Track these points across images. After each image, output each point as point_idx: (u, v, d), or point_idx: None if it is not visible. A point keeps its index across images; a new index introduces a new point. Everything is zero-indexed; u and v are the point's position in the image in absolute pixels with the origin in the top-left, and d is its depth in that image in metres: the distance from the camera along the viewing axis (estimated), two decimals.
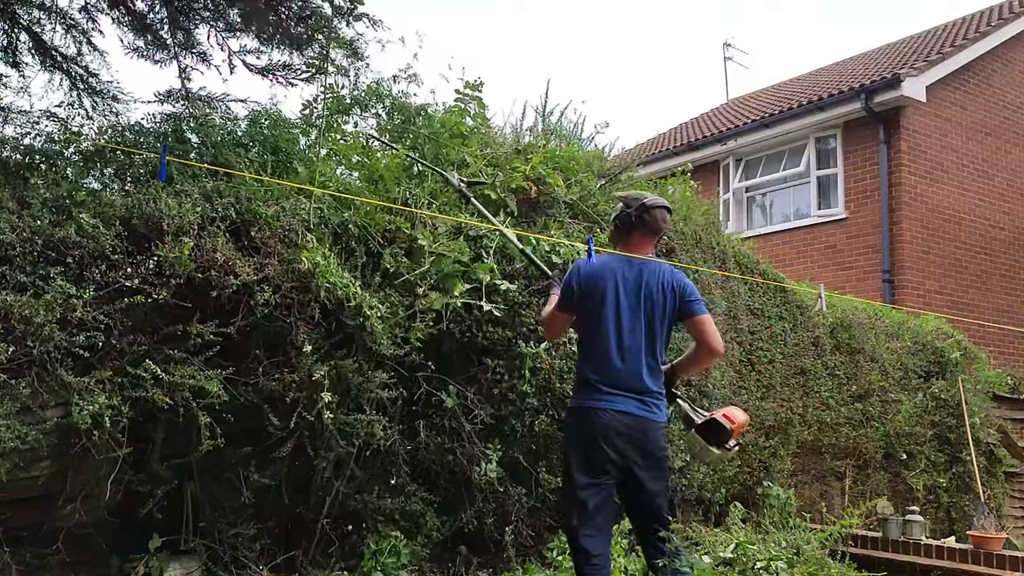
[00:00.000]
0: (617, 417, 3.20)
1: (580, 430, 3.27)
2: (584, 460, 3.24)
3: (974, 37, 11.60)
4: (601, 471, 3.22)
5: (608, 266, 3.35)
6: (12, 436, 2.97)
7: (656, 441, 3.27)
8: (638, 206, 3.42)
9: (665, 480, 3.34)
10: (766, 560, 4.68)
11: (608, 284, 3.29)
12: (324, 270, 3.54)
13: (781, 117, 11.68)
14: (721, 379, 5.45)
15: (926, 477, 7.01)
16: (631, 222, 3.42)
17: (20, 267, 3.13)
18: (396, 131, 4.88)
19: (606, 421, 3.19)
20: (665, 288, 3.31)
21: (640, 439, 3.22)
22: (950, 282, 10.86)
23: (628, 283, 3.29)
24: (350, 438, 3.77)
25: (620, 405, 3.22)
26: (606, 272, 3.32)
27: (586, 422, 3.24)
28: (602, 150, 6.40)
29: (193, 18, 4.54)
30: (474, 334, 4.21)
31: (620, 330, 3.26)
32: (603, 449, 3.19)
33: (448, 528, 4.28)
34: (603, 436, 3.19)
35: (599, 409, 3.22)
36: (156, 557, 3.58)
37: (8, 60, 4.30)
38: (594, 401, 3.24)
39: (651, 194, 3.56)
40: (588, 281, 3.32)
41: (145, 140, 3.93)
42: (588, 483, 3.22)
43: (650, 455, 3.24)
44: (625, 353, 3.25)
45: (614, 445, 3.19)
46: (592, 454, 3.21)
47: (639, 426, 3.22)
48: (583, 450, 3.24)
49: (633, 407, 3.23)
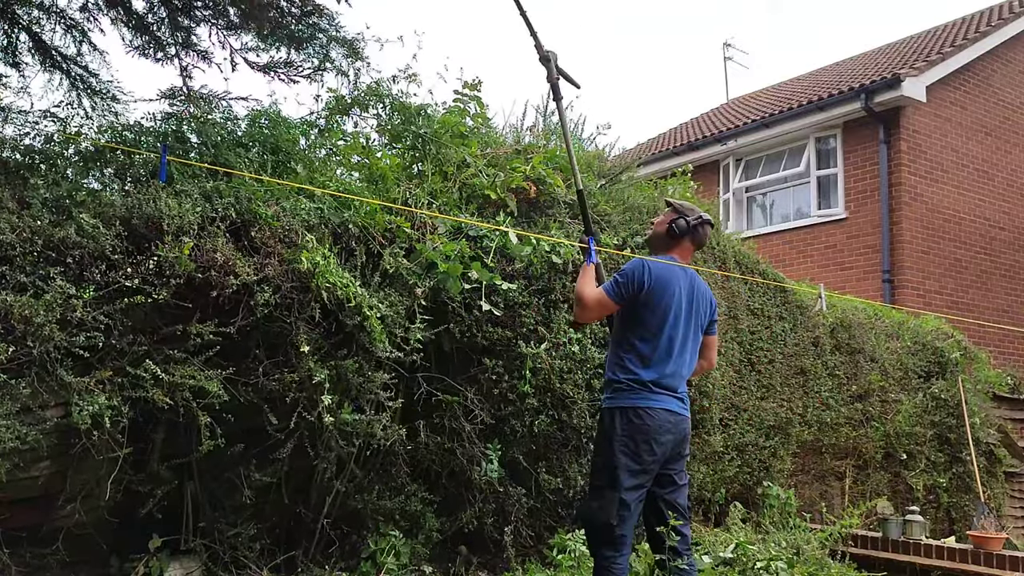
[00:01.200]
0: (667, 416, 3.30)
1: (632, 429, 3.27)
2: (634, 460, 3.24)
3: (974, 37, 11.60)
4: (647, 471, 3.28)
5: (674, 272, 3.38)
6: (12, 436, 2.96)
7: (689, 439, 3.46)
8: (695, 218, 3.48)
9: (686, 475, 3.49)
10: (766, 560, 4.68)
11: (675, 289, 3.35)
12: (324, 270, 3.54)
13: (781, 117, 11.68)
14: (721, 379, 5.46)
15: (926, 477, 7.01)
16: (686, 231, 3.46)
17: (20, 267, 3.13)
18: (396, 131, 4.87)
19: (659, 420, 3.27)
20: (705, 300, 3.49)
21: (681, 438, 3.36)
22: (950, 282, 10.86)
23: (686, 291, 3.40)
24: (350, 438, 3.77)
25: (668, 404, 3.32)
26: (673, 278, 3.37)
27: (639, 421, 3.26)
28: (602, 150, 6.40)
29: (193, 16, 4.53)
30: (474, 334, 4.21)
31: (677, 336, 3.35)
32: (653, 449, 3.26)
33: (448, 528, 4.28)
34: (656, 435, 3.26)
35: (650, 408, 3.28)
36: (156, 557, 3.58)
37: (8, 60, 4.30)
38: (644, 401, 3.29)
39: (700, 208, 3.63)
40: (659, 283, 3.32)
41: (145, 140, 3.93)
42: (634, 484, 3.25)
43: (681, 452, 3.40)
44: (677, 358, 3.36)
45: (663, 443, 3.28)
46: (642, 454, 3.25)
47: (682, 424, 3.36)
48: (633, 450, 3.25)
49: (676, 406, 3.35)
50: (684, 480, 3.43)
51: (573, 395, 4.40)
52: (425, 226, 4.27)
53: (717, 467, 5.47)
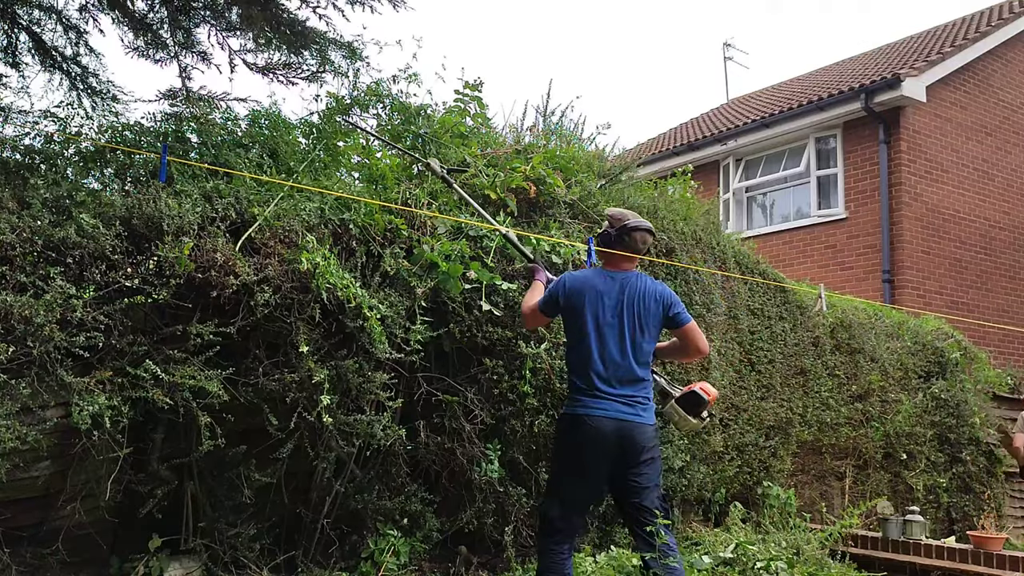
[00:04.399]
0: (605, 422, 3.36)
1: (570, 437, 3.45)
2: (573, 468, 3.44)
3: (974, 37, 11.60)
4: (588, 477, 3.42)
5: (589, 282, 3.52)
6: (12, 436, 2.96)
7: (643, 443, 3.42)
8: (619, 227, 3.57)
9: (654, 477, 3.48)
10: (766, 560, 4.68)
11: (587, 299, 3.46)
12: (324, 271, 3.54)
13: (781, 117, 11.68)
14: (721, 379, 5.45)
15: (926, 477, 7.01)
16: (611, 242, 3.59)
17: (20, 267, 3.13)
18: (396, 131, 4.88)
19: (595, 427, 3.36)
20: (647, 299, 3.50)
21: (627, 443, 3.38)
22: (950, 282, 10.86)
23: (609, 297, 3.47)
24: (350, 438, 3.77)
25: (609, 410, 3.38)
26: (587, 288, 3.49)
27: (575, 430, 3.41)
28: (602, 150, 6.40)
29: (193, 17, 4.53)
30: (474, 334, 4.21)
31: (603, 341, 3.43)
32: (591, 457, 3.38)
33: (448, 528, 4.28)
34: (592, 443, 3.36)
35: (587, 416, 3.38)
36: (156, 557, 3.58)
37: (8, 60, 4.30)
38: (583, 408, 3.41)
39: (635, 216, 3.67)
40: (572, 295, 3.50)
41: (145, 140, 3.93)
42: (575, 490, 3.45)
43: (636, 456, 3.40)
44: (608, 363, 3.42)
45: (602, 451, 3.37)
46: (582, 462, 3.40)
47: (626, 429, 3.38)
48: (572, 457, 3.45)
49: (619, 411, 3.39)
50: (649, 483, 3.44)
51: None
52: (425, 226, 4.27)
53: (717, 467, 5.47)
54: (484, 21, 62.20)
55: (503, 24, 62.54)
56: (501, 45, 60.33)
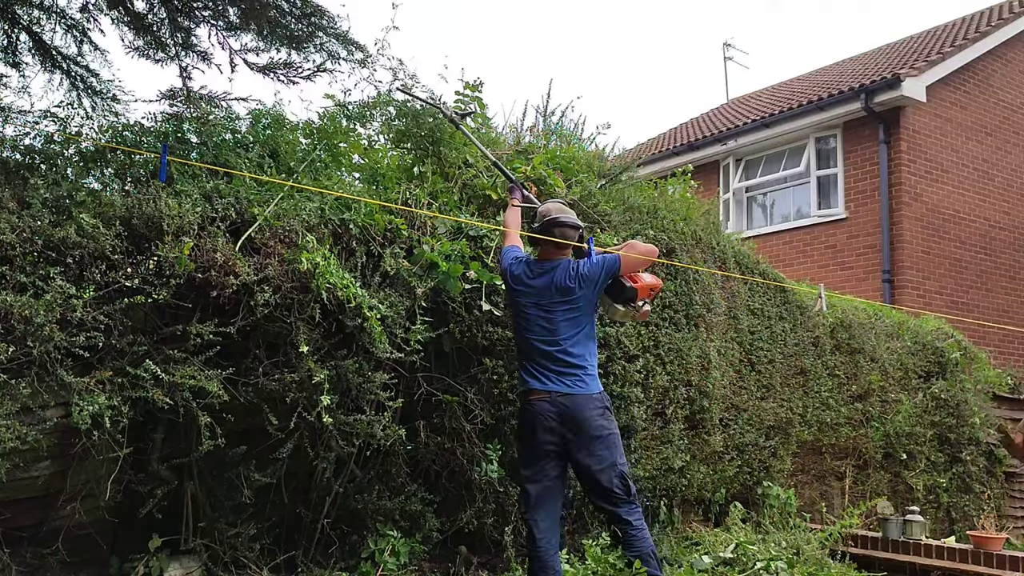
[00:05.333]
0: (547, 399, 3.54)
1: (521, 421, 3.67)
2: (527, 449, 3.60)
3: (974, 37, 11.60)
4: (541, 457, 3.53)
5: (523, 273, 3.74)
6: (12, 436, 2.96)
7: (589, 414, 3.54)
8: (544, 221, 3.77)
9: (607, 455, 3.53)
10: (766, 560, 4.69)
11: (523, 287, 3.71)
12: (324, 271, 3.54)
13: (781, 117, 11.68)
14: (721, 379, 5.45)
15: (926, 477, 7.02)
16: (537, 232, 3.80)
17: (20, 267, 3.12)
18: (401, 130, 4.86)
19: (539, 407, 3.54)
20: (572, 279, 3.66)
21: (572, 415, 3.52)
22: (950, 282, 10.86)
23: (539, 283, 3.68)
24: (350, 438, 3.77)
25: (549, 386, 3.56)
26: (522, 277, 3.73)
27: (525, 412, 3.61)
28: (602, 150, 6.40)
29: (193, 17, 4.53)
30: (474, 334, 4.21)
31: (540, 323, 3.65)
32: (541, 434, 3.53)
33: (448, 528, 4.28)
34: (539, 420, 3.53)
35: (533, 396, 3.57)
36: (156, 557, 3.58)
37: (8, 60, 4.29)
38: (529, 389, 3.61)
39: (563, 212, 3.83)
40: (514, 282, 3.75)
41: (145, 140, 3.92)
42: (531, 473, 3.56)
43: (582, 430, 3.51)
44: (546, 343, 3.61)
45: (549, 427, 3.51)
46: (532, 441, 3.56)
47: (568, 402, 3.53)
48: (525, 439, 3.61)
49: (560, 385, 3.56)
50: (602, 464, 3.51)
51: None
52: (425, 226, 4.28)
53: (717, 467, 5.48)
54: (484, 21, 62.21)
55: (503, 24, 62.56)
56: (501, 45, 60.35)
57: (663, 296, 5.13)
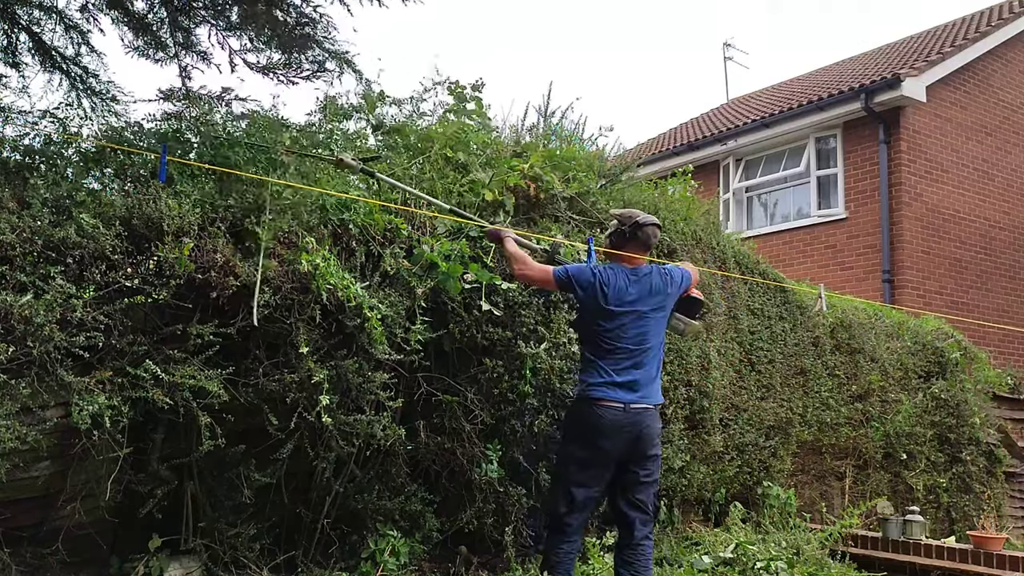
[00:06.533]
0: (621, 409, 3.52)
1: (582, 423, 3.60)
2: (584, 453, 3.58)
3: (974, 37, 11.60)
4: (599, 465, 3.58)
5: (616, 277, 3.69)
6: (12, 436, 2.96)
7: (656, 428, 3.64)
8: (632, 223, 3.76)
9: (655, 471, 3.67)
10: (766, 560, 4.69)
11: (620, 293, 3.64)
12: (324, 272, 3.53)
13: (781, 117, 11.68)
14: (721, 379, 5.45)
15: (926, 477, 7.01)
16: (625, 238, 3.78)
17: (20, 267, 3.12)
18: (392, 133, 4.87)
19: (611, 416, 3.51)
20: (665, 283, 3.73)
21: (643, 429, 3.55)
22: (950, 282, 10.86)
23: (637, 290, 3.66)
24: (350, 438, 3.77)
25: (624, 397, 3.54)
26: (615, 282, 3.66)
27: (590, 416, 3.55)
28: (602, 150, 6.40)
29: (193, 17, 4.53)
30: (474, 334, 4.21)
31: (634, 329, 3.61)
32: (605, 443, 3.52)
33: (448, 528, 4.28)
34: (608, 430, 3.51)
35: (604, 403, 3.53)
36: (156, 557, 3.58)
37: (8, 60, 4.30)
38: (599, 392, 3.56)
39: (642, 212, 3.87)
40: (600, 285, 3.65)
41: (145, 140, 3.92)
42: (583, 478, 3.57)
43: (647, 444, 3.57)
44: (632, 352, 3.59)
45: (618, 438, 3.52)
46: (591, 447, 3.56)
47: (642, 416, 3.55)
48: (584, 443, 3.58)
49: (636, 397, 3.56)
50: (650, 478, 3.63)
51: (573, 395, 4.40)
52: (425, 226, 4.27)
53: (717, 467, 5.48)
54: (485, 21, 62.21)
55: (504, 24, 62.55)
56: (501, 45, 60.35)
57: None
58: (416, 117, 5.01)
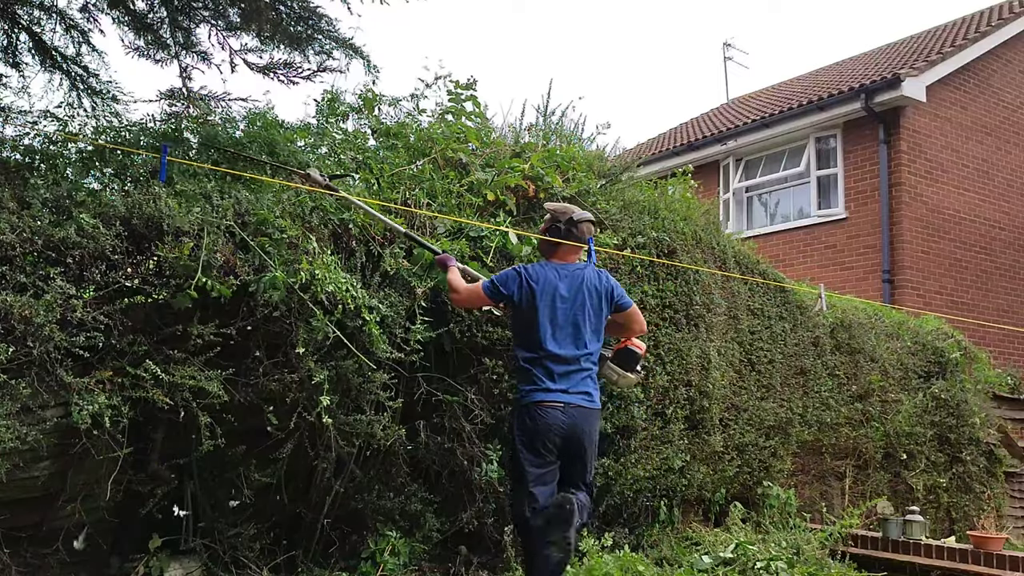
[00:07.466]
0: (560, 409, 3.50)
1: (524, 426, 3.55)
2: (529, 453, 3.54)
3: (974, 37, 11.59)
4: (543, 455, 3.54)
5: (544, 275, 3.64)
6: (12, 436, 2.96)
7: (595, 426, 3.67)
8: (567, 219, 3.73)
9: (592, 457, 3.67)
10: (766, 560, 4.69)
11: (542, 292, 3.59)
12: (323, 280, 3.52)
13: (781, 117, 11.68)
14: (721, 379, 5.45)
15: (926, 477, 7.01)
16: (560, 234, 3.73)
17: (20, 267, 3.13)
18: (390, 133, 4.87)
19: (550, 417, 3.49)
20: (595, 292, 3.68)
21: (582, 428, 3.54)
22: (950, 282, 10.86)
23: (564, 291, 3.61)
24: (350, 438, 3.77)
25: (562, 397, 3.53)
26: (543, 281, 3.62)
27: (530, 418, 3.52)
28: (602, 150, 6.39)
29: (193, 17, 4.53)
30: (474, 334, 4.21)
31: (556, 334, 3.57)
32: (546, 442, 3.50)
33: (448, 528, 4.28)
34: (548, 431, 3.49)
35: (544, 404, 3.51)
36: (156, 557, 3.58)
37: (8, 60, 4.30)
38: (540, 395, 3.53)
39: (572, 209, 3.81)
40: (529, 286, 3.61)
41: (145, 140, 3.92)
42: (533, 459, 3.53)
43: (587, 440, 3.58)
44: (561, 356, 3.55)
45: (557, 436, 3.51)
46: (533, 447, 3.52)
47: (580, 415, 3.54)
48: (527, 444, 3.54)
49: (575, 397, 3.55)
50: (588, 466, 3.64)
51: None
52: (425, 226, 4.27)
53: (717, 467, 5.47)
54: (485, 21, 62.21)
55: (504, 24, 62.55)
56: (501, 45, 60.35)
57: (663, 296, 5.13)
58: (417, 113, 5.01)
